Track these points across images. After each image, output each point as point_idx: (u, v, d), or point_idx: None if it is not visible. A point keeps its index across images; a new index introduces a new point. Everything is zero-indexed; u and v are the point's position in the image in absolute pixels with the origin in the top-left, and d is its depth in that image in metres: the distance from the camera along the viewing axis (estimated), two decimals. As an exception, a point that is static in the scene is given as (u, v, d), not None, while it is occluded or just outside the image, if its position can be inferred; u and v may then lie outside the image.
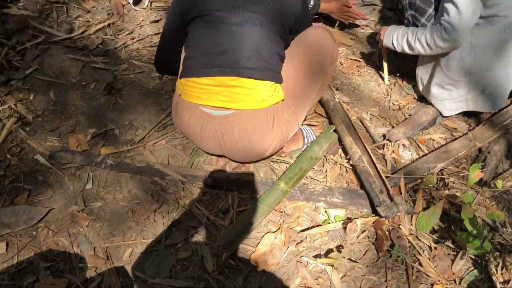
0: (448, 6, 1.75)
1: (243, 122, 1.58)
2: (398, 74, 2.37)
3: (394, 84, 2.35)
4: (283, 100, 1.65)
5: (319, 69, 1.73)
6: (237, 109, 1.57)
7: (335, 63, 1.83)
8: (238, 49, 1.53)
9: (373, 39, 2.68)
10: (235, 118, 1.58)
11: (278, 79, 1.62)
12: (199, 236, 1.70)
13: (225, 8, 1.54)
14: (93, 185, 1.86)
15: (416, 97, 2.27)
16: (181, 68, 1.63)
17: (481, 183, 1.88)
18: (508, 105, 2.14)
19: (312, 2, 2.35)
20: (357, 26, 2.70)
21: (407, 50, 1.98)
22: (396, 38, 2.01)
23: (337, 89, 2.32)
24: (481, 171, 1.81)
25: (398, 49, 2.03)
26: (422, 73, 2.13)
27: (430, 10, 2.02)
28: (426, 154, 2.01)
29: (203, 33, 1.56)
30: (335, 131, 1.99)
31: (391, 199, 1.71)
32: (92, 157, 1.91)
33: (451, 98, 2.06)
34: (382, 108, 2.23)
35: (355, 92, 2.32)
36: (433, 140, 2.09)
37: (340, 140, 1.98)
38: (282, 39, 1.63)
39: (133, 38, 2.53)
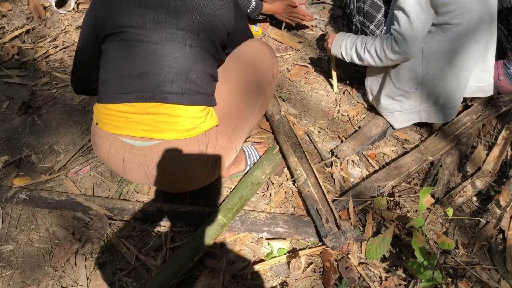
0: (399, 14, 1.62)
1: (170, 153, 1.38)
2: (348, 82, 2.24)
3: (344, 92, 2.22)
4: (217, 125, 1.46)
5: (257, 90, 1.55)
6: (162, 139, 1.37)
7: (275, 82, 1.66)
8: (159, 71, 1.33)
9: (323, 41, 2.52)
10: (160, 149, 1.38)
11: (210, 102, 1.43)
12: (127, 280, 1.50)
13: (144, 24, 1.32)
14: (3, 224, 1.61)
15: (366, 106, 2.14)
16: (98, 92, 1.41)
17: (433, 199, 1.78)
18: (460, 112, 2.04)
19: (253, 3, 2.17)
20: (306, 27, 2.54)
21: (356, 61, 1.84)
22: (345, 47, 1.86)
23: (283, 100, 2.15)
24: (432, 192, 1.70)
25: (347, 59, 1.89)
26: (371, 83, 2.00)
27: (380, 16, 1.88)
28: (376, 171, 1.89)
29: (118, 53, 1.35)
30: (280, 150, 1.82)
31: (338, 227, 1.58)
32: (1, 192, 1.66)
33: (402, 110, 1.94)
34: (331, 120, 2.09)
35: (303, 103, 2.17)
36: (384, 154, 1.97)
37: (285, 160, 1.82)
38: (213, 57, 1.44)
39: (56, 46, 2.25)
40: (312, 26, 2.59)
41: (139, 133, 1.36)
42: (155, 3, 1.34)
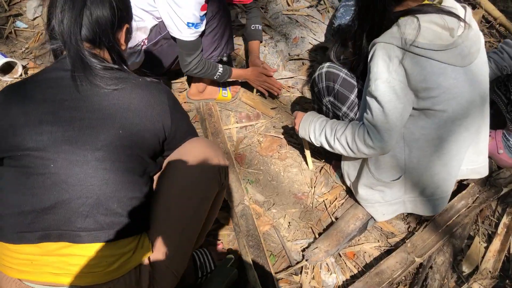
0: (371, 103, 1.38)
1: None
2: (325, 158, 1.97)
3: (320, 170, 1.95)
4: (151, 254, 1.19)
5: (202, 204, 1.29)
6: (77, 284, 1.10)
7: (223, 191, 1.39)
8: (69, 204, 1.07)
9: (300, 105, 2.26)
10: (76, 297, 1.11)
11: (140, 230, 1.16)
12: None
13: (49, 146, 1.07)
14: None
15: (345, 188, 1.87)
16: None
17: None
18: (453, 194, 1.77)
19: (220, 70, 1.93)
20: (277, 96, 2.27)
21: (327, 148, 1.59)
22: (313, 131, 1.62)
23: (250, 183, 1.88)
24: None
25: (317, 144, 1.63)
26: (348, 167, 1.73)
27: (353, 97, 1.63)
28: (354, 278, 1.60)
29: (17, 184, 1.09)
30: (237, 260, 1.55)
31: None
32: None
33: (384, 201, 1.67)
34: (304, 207, 1.82)
35: (273, 185, 1.90)
36: (365, 252, 1.69)
37: (244, 271, 1.55)
38: (144, 175, 1.18)
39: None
40: (288, 87, 2.33)
41: (47, 277, 1.10)
42: (65, 117, 1.09)
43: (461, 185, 1.86)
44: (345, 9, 2.35)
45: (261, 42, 2.22)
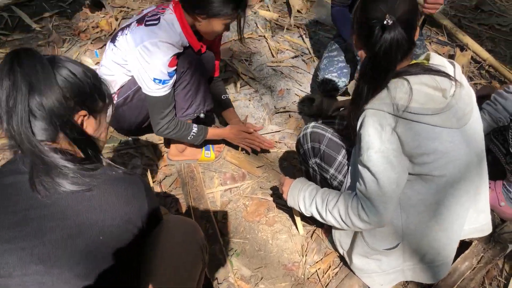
0: (364, 173, 1.28)
1: None
2: (315, 224, 1.83)
3: (312, 235, 1.81)
4: None
5: (188, 285, 1.14)
6: None
7: (205, 267, 1.26)
8: None
9: (288, 161, 2.15)
10: None
11: None
12: None
13: (15, 270, 0.90)
14: None
15: (338, 254, 1.72)
16: None
17: None
18: (456, 255, 1.62)
19: (194, 130, 1.85)
20: (267, 151, 2.17)
21: (319, 219, 1.47)
22: (303, 200, 1.51)
23: (237, 255, 1.74)
24: None
25: (307, 215, 1.53)
26: (340, 235, 1.60)
27: (340, 158, 1.53)
28: None
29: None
30: None
31: None
32: None
33: (381, 271, 1.53)
34: (295, 279, 1.67)
35: (261, 255, 1.75)
36: (363, 329, 1.52)
37: None
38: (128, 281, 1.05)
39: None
40: (275, 142, 2.22)
41: None
42: (31, 230, 0.92)
43: (464, 243, 1.72)
44: (328, 60, 2.29)
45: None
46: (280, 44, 2.82)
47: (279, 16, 3.07)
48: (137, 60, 1.62)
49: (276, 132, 2.29)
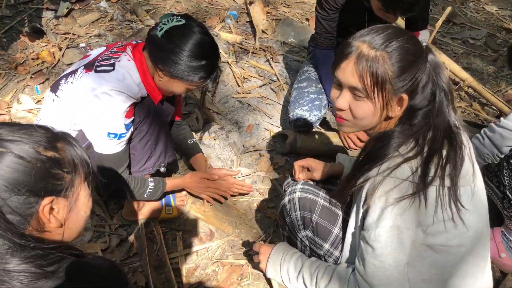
0: (366, 254, 1.09)
1: None
2: None
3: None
4: None
5: None
6: None
7: None
8: None
9: (262, 212, 1.90)
10: None
11: None
12: None
13: None
14: None
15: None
16: None
17: None
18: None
19: (150, 185, 1.64)
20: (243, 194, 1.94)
21: None
22: (287, 273, 1.32)
23: None
24: None
25: None
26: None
27: (336, 230, 1.32)
28: None
29: None
30: None
31: None
32: None
33: None
34: None
35: (236, 337, 1.47)
36: None
37: None
38: None
39: None
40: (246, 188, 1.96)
41: None
42: None
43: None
44: (297, 92, 2.10)
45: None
46: (246, 71, 2.58)
47: (243, 38, 2.82)
48: (87, 113, 1.43)
49: (246, 176, 2.05)
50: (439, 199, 1.03)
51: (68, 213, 0.83)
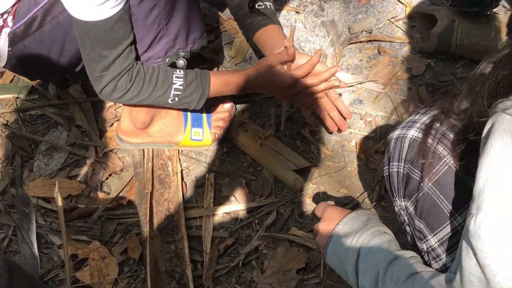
0: (467, 260, 0.87)
1: None
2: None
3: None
4: None
5: None
6: None
7: None
8: None
9: (363, 161, 1.50)
10: None
11: None
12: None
13: None
14: None
15: None
16: None
17: None
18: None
19: (178, 82, 1.36)
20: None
21: None
22: (352, 270, 1.10)
23: None
24: None
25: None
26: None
27: (460, 219, 1.06)
28: None
29: None
30: None
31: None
32: None
33: None
34: None
35: None
36: None
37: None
38: None
39: None
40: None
41: None
42: None
43: None
44: None
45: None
46: None
47: None
48: None
49: (348, 88, 1.57)
50: None
51: None
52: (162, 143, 1.50)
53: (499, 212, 0.81)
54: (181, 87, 1.31)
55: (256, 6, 1.50)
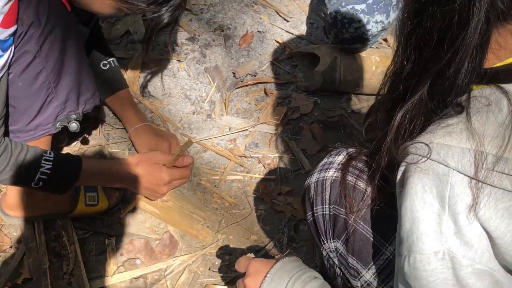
0: None
1: None
2: None
3: None
4: None
5: None
6: None
7: None
8: None
9: (267, 204, 1.66)
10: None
11: None
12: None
13: None
14: None
15: None
16: None
17: None
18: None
19: (45, 164, 1.43)
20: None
21: None
22: None
23: None
24: None
25: None
26: None
27: (391, 249, 1.19)
28: None
29: None
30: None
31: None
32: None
33: None
34: None
35: None
36: None
37: None
38: None
39: None
40: (238, 156, 1.72)
41: None
42: None
43: None
44: None
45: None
46: None
47: None
48: None
49: (238, 132, 1.77)
50: None
51: None
52: (53, 213, 1.54)
53: (430, 251, 0.91)
54: (48, 171, 1.38)
55: (101, 66, 1.70)
